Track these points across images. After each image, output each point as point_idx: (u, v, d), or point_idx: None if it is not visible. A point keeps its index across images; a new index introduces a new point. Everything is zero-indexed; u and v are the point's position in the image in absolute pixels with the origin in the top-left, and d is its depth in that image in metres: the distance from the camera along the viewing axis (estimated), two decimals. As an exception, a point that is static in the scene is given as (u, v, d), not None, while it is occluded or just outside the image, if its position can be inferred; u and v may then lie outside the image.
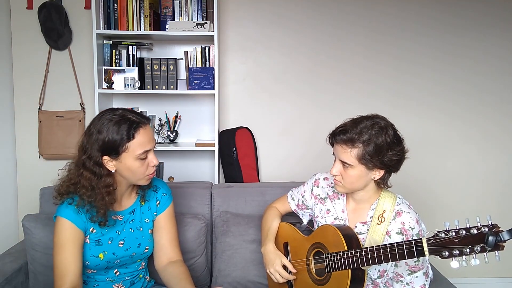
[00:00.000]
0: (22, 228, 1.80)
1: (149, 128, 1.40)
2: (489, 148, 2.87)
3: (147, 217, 1.55)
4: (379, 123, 1.37)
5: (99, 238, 1.43)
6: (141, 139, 1.35)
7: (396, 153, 1.37)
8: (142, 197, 1.54)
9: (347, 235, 1.38)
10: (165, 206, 1.58)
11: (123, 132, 1.32)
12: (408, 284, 1.41)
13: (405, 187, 2.60)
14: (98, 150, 1.33)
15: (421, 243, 1.16)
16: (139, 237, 1.51)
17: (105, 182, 1.35)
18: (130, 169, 1.37)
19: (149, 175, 1.42)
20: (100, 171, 1.35)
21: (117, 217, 1.48)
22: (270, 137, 2.84)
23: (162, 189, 1.61)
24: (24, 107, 2.71)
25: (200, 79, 2.56)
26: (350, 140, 1.36)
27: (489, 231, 1.04)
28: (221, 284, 1.83)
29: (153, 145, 1.41)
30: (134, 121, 1.35)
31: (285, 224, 1.68)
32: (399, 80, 2.81)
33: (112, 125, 1.33)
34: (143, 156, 1.37)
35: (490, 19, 2.78)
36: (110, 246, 1.44)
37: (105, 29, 2.51)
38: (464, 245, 1.07)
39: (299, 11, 2.76)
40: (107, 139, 1.32)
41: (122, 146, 1.33)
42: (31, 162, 2.72)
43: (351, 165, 1.37)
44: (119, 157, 1.35)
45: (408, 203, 1.47)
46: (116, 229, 1.47)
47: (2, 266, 1.75)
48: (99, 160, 1.34)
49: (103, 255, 1.43)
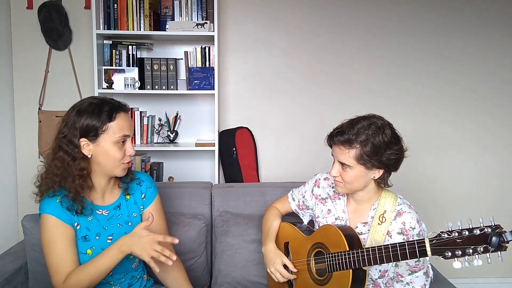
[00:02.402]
0: (22, 228, 1.80)
1: (129, 116, 1.43)
2: (489, 148, 2.87)
3: (134, 211, 1.54)
4: (376, 123, 1.37)
5: (86, 234, 1.42)
6: (121, 122, 1.37)
7: (395, 152, 1.36)
8: (125, 190, 1.52)
9: (348, 235, 1.38)
10: (151, 199, 1.57)
11: (104, 113, 1.35)
12: (408, 284, 1.41)
13: (406, 187, 2.60)
14: (77, 131, 1.33)
15: (423, 244, 1.15)
16: (128, 231, 1.48)
17: (79, 165, 1.35)
18: (107, 153, 1.36)
19: (125, 164, 1.42)
20: (75, 152, 1.34)
21: (101, 212, 1.46)
22: (270, 137, 2.84)
23: (146, 182, 1.58)
24: (24, 107, 2.71)
25: (200, 79, 2.56)
26: (347, 141, 1.36)
27: (492, 232, 1.04)
28: (221, 284, 1.82)
29: (131, 134, 1.42)
30: (115, 104, 1.39)
31: (286, 224, 1.67)
32: (399, 80, 2.82)
33: (93, 107, 1.35)
34: (121, 139, 1.37)
35: (488, 23, 2.79)
36: (98, 242, 1.43)
37: (105, 29, 2.51)
38: (466, 246, 1.07)
39: (298, 12, 2.76)
40: (87, 120, 1.33)
41: (102, 127, 1.34)
42: (31, 162, 2.71)
43: (349, 165, 1.37)
44: (97, 140, 1.35)
45: (409, 203, 1.47)
46: (103, 224, 1.45)
47: (2, 266, 1.75)
48: (75, 141, 1.34)
49: (91, 251, 1.41)
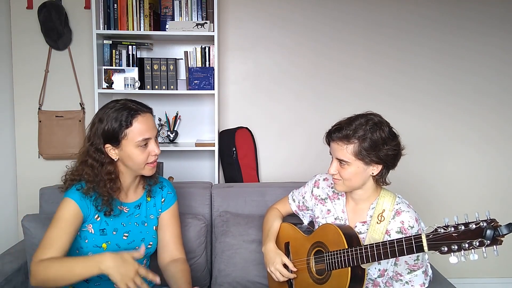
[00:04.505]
0: (21, 228, 1.80)
1: (149, 116, 1.43)
2: (488, 149, 2.87)
3: (152, 213, 1.58)
4: (373, 119, 1.39)
5: (104, 228, 1.45)
6: (139, 126, 1.38)
7: (392, 148, 1.38)
8: (149, 192, 1.57)
9: (347, 233, 1.39)
10: (169, 204, 1.62)
11: (122, 119, 1.37)
12: (407, 283, 1.41)
13: (405, 187, 2.60)
14: (100, 138, 1.39)
15: (420, 239, 1.16)
16: (143, 231, 1.53)
17: (106, 169, 1.40)
18: (130, 156, 1.40)
19: (150, 164, 1.44)
20: (102, 158, 1.40)
21: (122, 208, 1.50)
22: (270, 137, 2.84)
23: (168, 188, 1.65)
24: (24, 107, 2.71)
25: (200, 79, 2.56)
26: (345, 137, 1.37)
27: (488, 225, 1.05)
28: (221, 284, 1.83)
29: (153, 134, 1.43)
30: (133, 108, 1.40)
31: (286, 225, 1.68)
32: (399, 80, 2.81)
33: (112, 113, 1.38)
34: (142, 143, 1.39)
35: (489, 21, 2.78)
36: (115, 237, 1.46)
37: (105, 29, 2.51)
38: (462, 240, 1.07)
39: (299, 11, 2.76)
40: (107, 127, 1.37)
41: (121, 133, 1.37)
42: (31, 162, 2.72)
43: (347, 162, 1.38)
44: (119, 145, 1.39)
45: (408, 202, 1.47)
46: (121, 220, 1.49)
47: (2, 266, 1.75)
48: (101, 147, 1.39)
49: (106, 245, 1.44)
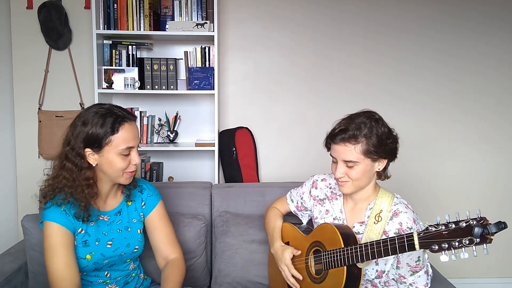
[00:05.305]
0: (21, 228, 1.80)
1: (134, 125, 1.40)
2: (488, 149, 2.87)
3: (134, 217, 1.54)
4: (373, 116, 1.41)
5: (86, 239, 1.42)
6: (125, 134, 1.35)
7: (394, 140, 1.41)
8: (128, 196, 1.53)
9: (344, 233, 1.39)
10: (152, 206, 1.57)
11: (108, 125, 1.33)
12: (411, 285, 1.41)
13: (405, 187, 2.60)
14: (81, 142, 1.34)
15: (412, 237, 1.17)
16: (127, 237, 1.50)
17: (85, 174, 1.35)
18: (111, 163, 1.36)
19: (129, 173, 1.41)
20: (81, 163, 1.35)
21: (103, 217, 1.47)
22: (270, 137, 2.84)
23: (148, 190, 1.59)
24: (23, 107, 2.71)
25: (200, 79, 2.56)
26: (352, 137, 1.36)
27: (477, 223, 1.05)
28: (221, 284, 1.82)
29: (137, 143, 1.40)
30: (120, 115, 1.36)
31: (286, 224, 1.68)
32: (399, 80, 2.81)
33: (98, 118, 1.34)
34: (125, 152, 1.37)
35: (490, 21, 2.78)
36: (98, 247, 1.43)
37: (105, 29, 2.51)
38: (453, 238, 1.07)
39: (299, 11, 2.76)
40: (91, 131, 1.33)
41: (106, 139, 1.33)
42: (31, 162, 2.72)
43: (356, 162, 1.37)
44: (101, 151, 1.35)
45: (406, 203, 1.46)
46: (102, 229, 1.46)
47: (2, 266, 1.75)
48: (81, 152, 1.34)
49: (90, 256, 1.41)
